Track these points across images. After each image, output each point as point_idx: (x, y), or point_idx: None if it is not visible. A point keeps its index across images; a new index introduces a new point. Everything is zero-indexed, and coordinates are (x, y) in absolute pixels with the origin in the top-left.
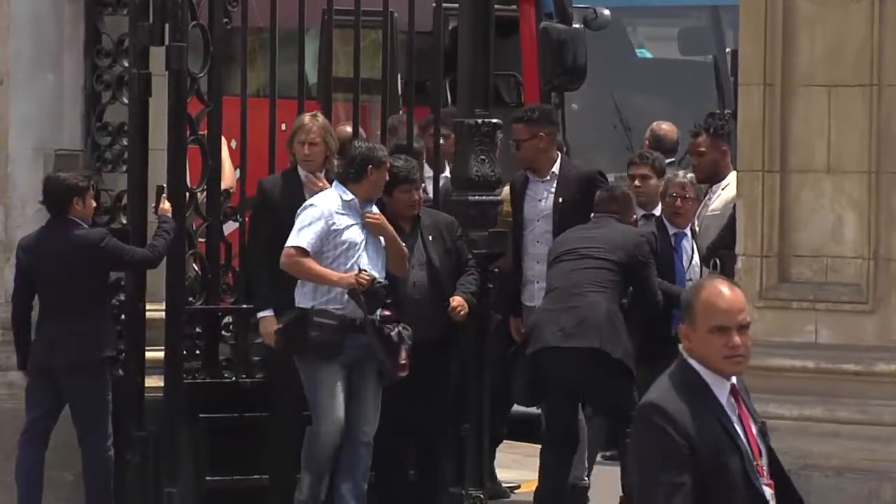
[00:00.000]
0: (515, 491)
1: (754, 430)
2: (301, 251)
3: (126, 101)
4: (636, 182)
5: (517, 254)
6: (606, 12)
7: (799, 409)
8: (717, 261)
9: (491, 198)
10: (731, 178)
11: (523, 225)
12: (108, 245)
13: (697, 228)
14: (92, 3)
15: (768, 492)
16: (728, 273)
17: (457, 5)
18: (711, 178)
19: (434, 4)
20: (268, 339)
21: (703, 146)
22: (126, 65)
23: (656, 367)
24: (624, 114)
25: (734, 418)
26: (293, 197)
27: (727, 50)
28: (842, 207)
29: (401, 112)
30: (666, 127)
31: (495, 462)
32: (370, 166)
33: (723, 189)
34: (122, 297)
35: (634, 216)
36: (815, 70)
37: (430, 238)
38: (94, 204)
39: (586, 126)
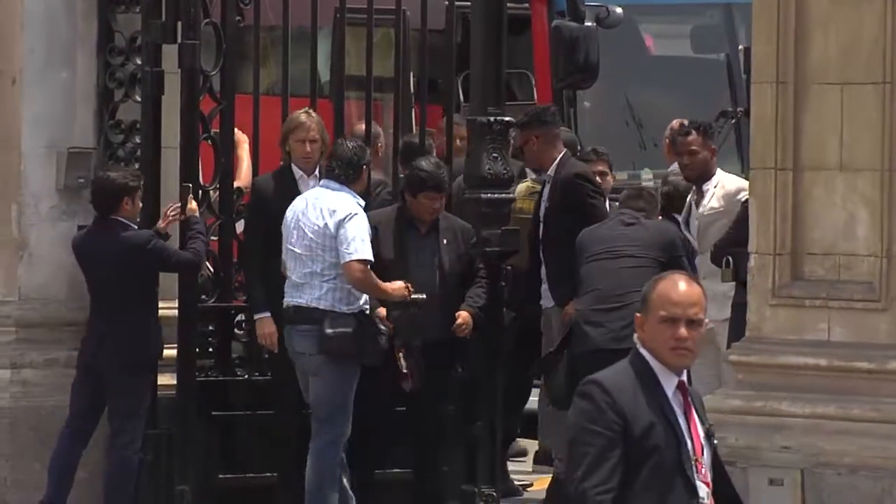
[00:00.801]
0: (528, 489)
1: (700, 430)
2: (367, 264)
3: (139, 98)
4: (597, 178)
5: (534, 251)
6: (619, 10)
7: (812, 406)
8: (730, 259)
9: (504, 195)
10: (719, 176)
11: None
12: (154, 247)
13: (694, 230)
14: (105, 1)
15: (703, 489)
16: (741, 271)
17: (469, 3)
18: (702, 176)
19: (446, 2)
20: (265, 341)
21: (694, 145)
22: (139, 62)
23: None
24: (636, 112)
25: (678, 411)
26: (287, 196)
27: (740, 47)
28: (854, 205)
29: (413, 110)
30: None
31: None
32: (364, 165)
33: (715, 187)
34: None
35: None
36: (828, 67)
37: (445, 241)
38: (141, 204)
39: (599, 124)
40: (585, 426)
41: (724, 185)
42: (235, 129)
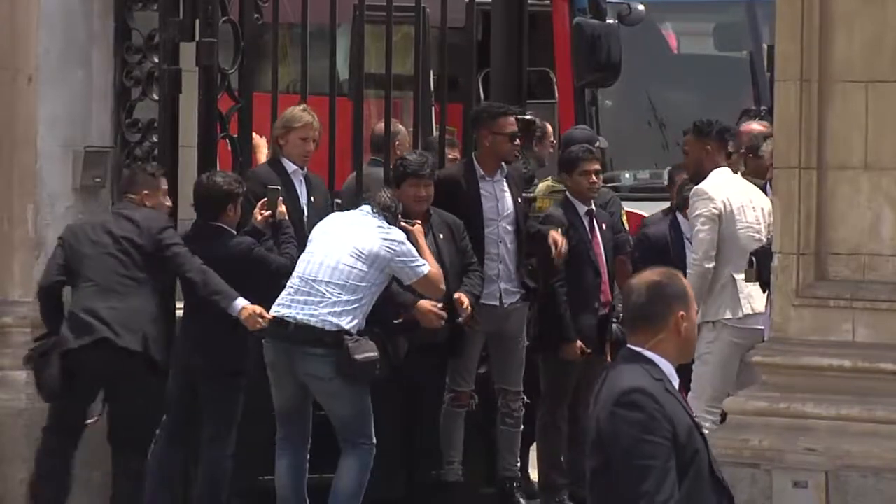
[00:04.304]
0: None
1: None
2: None
3: (156, 97)
4: (592, 178)
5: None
6: (641, 8)
7: (836, 408)
8: (754, 259)
9: (524, 194)
10: (710, 175)
11: (481, 224)
12: (256, 255)
13: (687, 230)
14: None
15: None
16: (764, 272)
17: (490, 0)
18: (695, 176)
19: (467, 0)
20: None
21: (687, 144)
22: (156, 61)
23: None
24: (658, 110)
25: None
26: (284, 188)
27: (765, 44)
28: (879, 205)
29: (433, 108)
30: None
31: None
32: (399, 214)
33: None
34: None
35: None
36: (853, 65)
37: (441, 236)
38: (240, 211)
39: (621, 123)
40: (642, 437)
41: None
42: (253, 133)
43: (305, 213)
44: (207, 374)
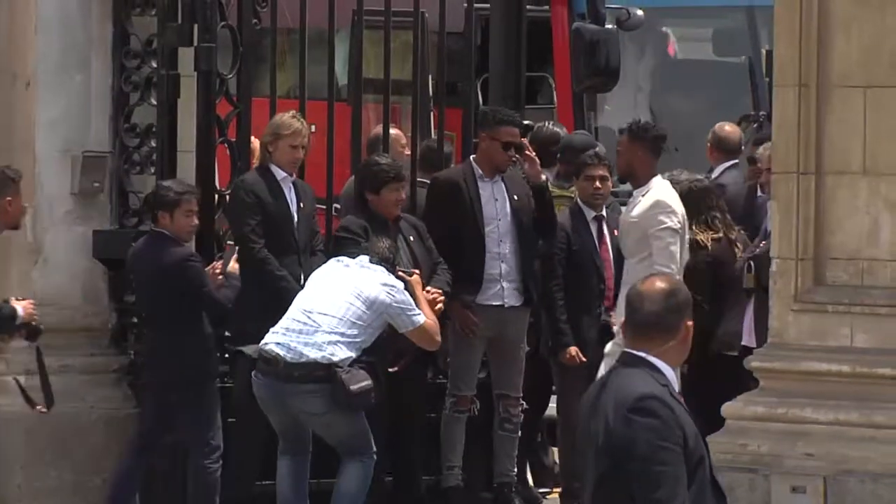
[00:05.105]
0: (548, 496)
1: None
2: None
3: (154, 102)
4: (597, 183)
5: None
6: (640, 13)
7: (835, 413)
8: (752, 264)
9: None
10: (654, 184)
11: (482, 223)
12: (192, 267)
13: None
14: (120, 4)
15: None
16: (763, 277)
17: (488, 6)
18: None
19: (465, 5)
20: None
21: (620, 146)
22: (154, 66)
23: None
24: (657, 116)
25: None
26: (274, 195)
27: (764, 49)
28: (878, 210)
29: (431, 113)
30: (729, 128)
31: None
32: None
33: (643, 196)
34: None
35: None
36: (851, 70)
37: (412, 238)
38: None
39: (619, 128)
40: (658, 444)
41: (651, 195)
42: (252, 137)
43: (295, 219)
44: (174, 384)
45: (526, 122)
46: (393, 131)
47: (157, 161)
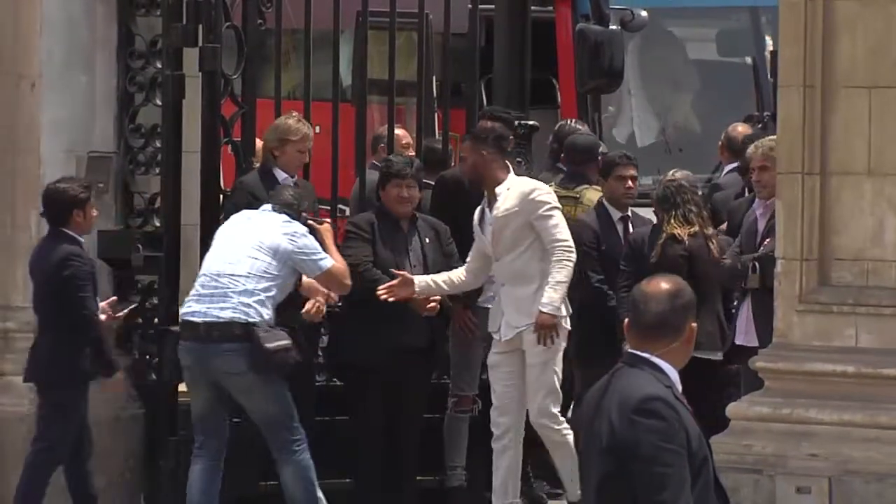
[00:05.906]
0: (559, 496)
1: None
2: None
3: (159, 102)
4: (629, 183)
5: None
6: (644, 14)
7: (839, 414)
8: (756, 264)
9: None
10: (511, 180)
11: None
12: (72, 269)
13: (488, 234)
14: (125, 4)
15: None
16: (768, 277)
17: (493, 6)
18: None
19: (470, 5)
20: None
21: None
22: (159, 66)
23: None
24: (662, 116)
25: None
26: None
27: (769, 49)
28: (882, 210)
29: (435, 114)
30: (741, 129)
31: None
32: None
33: (508, 189)
34: (156, 301)
35: None
36: (856, 71)
37: (427, 240)
38: (95, 214)
39: (623, 129)
40: (662, 445)
41: (516, 186)
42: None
43: None
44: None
45: (531, 122)
46: (395, 131)
47: (161, 161)
